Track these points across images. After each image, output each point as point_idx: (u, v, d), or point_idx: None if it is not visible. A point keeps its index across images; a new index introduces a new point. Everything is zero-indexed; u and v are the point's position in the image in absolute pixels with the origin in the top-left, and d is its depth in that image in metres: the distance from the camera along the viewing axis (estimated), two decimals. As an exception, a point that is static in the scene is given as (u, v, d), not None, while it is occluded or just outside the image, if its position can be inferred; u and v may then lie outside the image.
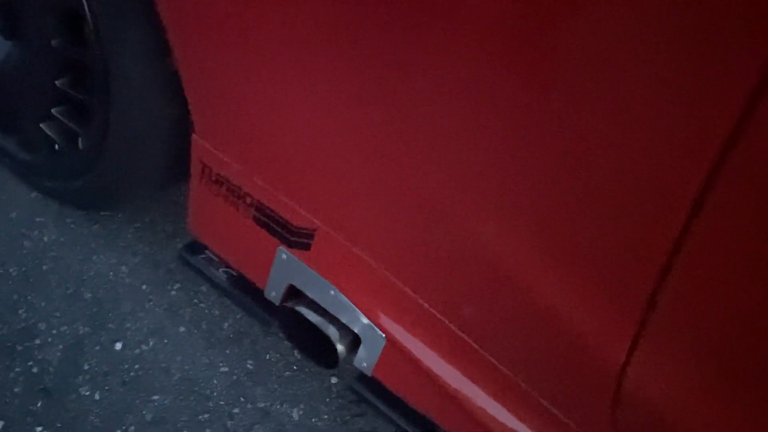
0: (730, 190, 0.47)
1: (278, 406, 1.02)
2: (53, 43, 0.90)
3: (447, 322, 0.77)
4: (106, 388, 0.98)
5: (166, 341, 1.05)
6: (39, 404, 0.95)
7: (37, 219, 1.15)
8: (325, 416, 1.03)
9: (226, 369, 1.04)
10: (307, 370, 1.07)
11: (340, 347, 0.86)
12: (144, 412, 0.97)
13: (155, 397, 0.99)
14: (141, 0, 0.77)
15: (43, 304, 1.05)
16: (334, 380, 1.07)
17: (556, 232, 0.59)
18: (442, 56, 0.58)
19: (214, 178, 0.88)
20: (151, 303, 1.10)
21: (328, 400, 1.05)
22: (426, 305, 0.78)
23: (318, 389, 1.06)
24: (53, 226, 1.15)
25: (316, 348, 0.89)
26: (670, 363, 0.58)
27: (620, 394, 0.62)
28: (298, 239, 0.84)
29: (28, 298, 1.06)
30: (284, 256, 0.86)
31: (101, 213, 1.17)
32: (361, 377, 0.91)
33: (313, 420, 1.02)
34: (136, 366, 1.01)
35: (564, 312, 0.62)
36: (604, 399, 0.63)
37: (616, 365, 0.60)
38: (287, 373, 1.07)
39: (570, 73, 0.51)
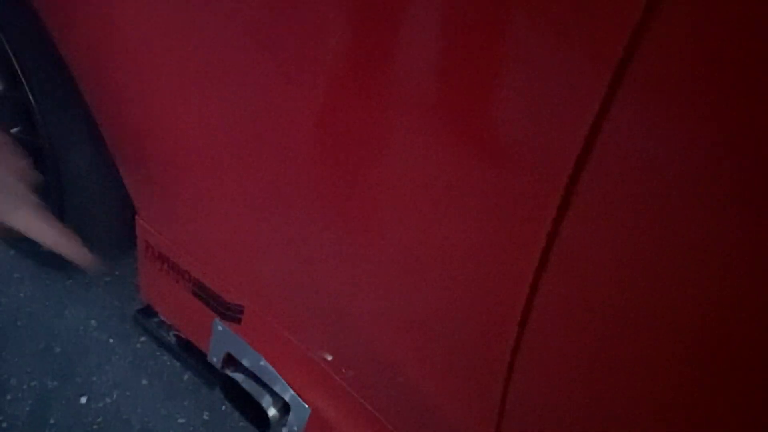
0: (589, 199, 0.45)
1: (231, 456, 1.09)
2: (12, 131, 0.98)
3: (358, 396, 0.82)
4: (72, 440, 1.06)
5: (128, 393, 1.13)
6: (6, 459, 1.03)
7: (15, 275, 1.24)
8: (274, 465, 1.10)
9: (184, 420, 1.12)
10: (260, 420, 1.14)
11: (272, 413, 0.93)
12: (103, 464, 1.05)
13: (114, 449, 1.07)
14: (75, 96, 0.84)
15: (15, 359, 1.14)
16: (284, 429, 1.13)
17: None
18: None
19: (156, 255, 0.95)
20: (117, 356, 1.17)
21: (277, 449, 1.12)
22: (342, 382, 0.83)
23: (268, 439, 1.12)
24: (29, 282, 1.23)
25: (253, 410, 0.95)
26: (546, 388, 0.59)
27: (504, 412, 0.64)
28: (230, 313, 0.91)
29: (2, 353, 1.14)
30: (220, 327, 0.93)
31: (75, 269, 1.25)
32: (293, 439, 0.97)
33: (263, 469, 1.09)
34: (99, 419, 1.09)
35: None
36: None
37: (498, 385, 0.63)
38: (241, 423, 1.14)
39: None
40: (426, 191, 0.54)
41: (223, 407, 1.14)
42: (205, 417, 1.13)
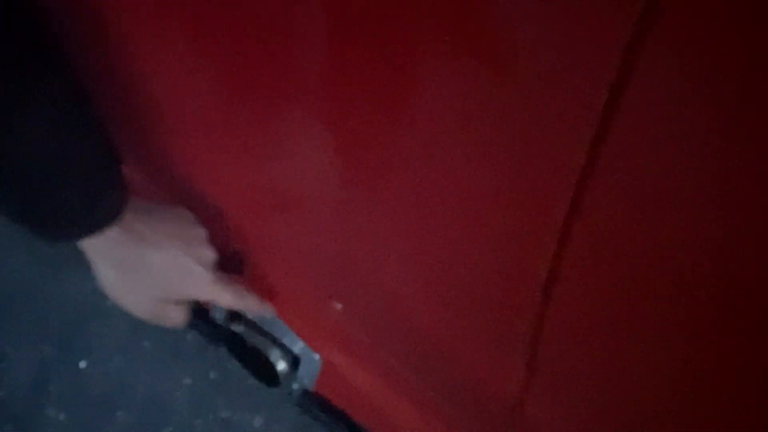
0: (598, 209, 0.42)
1: (240, 415, 1.05)
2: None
3: (372, 346, 0.78)
4: (72, 408, 1.02)
5: (130, 357, 1.09)
6: (7, 429, 0.99)
7: (7, 244, 1.19)
8: (286, 423, 1.06)
9: (190, 381, 1.08)
10: (268, 377, 1.10)
11: (281, 367, 0.88)
12: (108, 430, 1.01)
13: (119, 414, 1.03)
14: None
15: (10, 328, 1.09)
16: (295, 386, 1.09)
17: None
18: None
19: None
20: (116, 319, 1.13)
21: (288, 407, 1.08)
22: (355, 332, 0.79)
23: (279, 397, 1.08)
24: (23, 250, 1.18)
25: (262, 366, 0.91)
26: (564, 395, 0.59)
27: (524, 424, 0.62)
28: (230, 264, 0.86)
29: (-4, 322, 1.10)
30: (221, 281, 0.88)
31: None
32: (304, 392, 0.93)
33: (274, 427, 1.05)
34: (101, 384, 1.05)
35: (453, 349, 0.63)
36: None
37: (512, 400, 0.61)
38: (249, 382, 1.10)
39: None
40: (453, 133, 0.48)
41: (230, 365, 1.10)
42: (212, 376, 1.09)
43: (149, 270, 0.66)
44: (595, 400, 0.58)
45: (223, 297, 0.70)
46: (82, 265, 1.15)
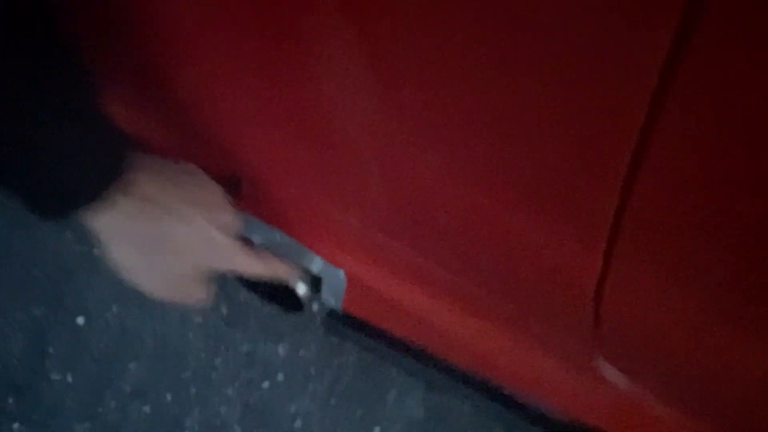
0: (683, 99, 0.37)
1: (262, 346, 0.98)
2: None
3: (405, 247, 0.69)
4: (78, 367, 0.93)
5: (130, 305, 0.99)
6: (10, 400, 0.91)
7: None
8: (312, 345, 0.98)
9: (200, 320, 0.99)
10: (285, 302, 1.01)
11: (302, 290, 0.79)
12: (122, 384, 0.93)
13: (131, 366, 0.94)
14: None
15: (-9, 293, 0.99)
16: (315, 307, 1.01)
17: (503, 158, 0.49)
18: None
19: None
20: (107, 267, 1.02)
21: (312, 328, 1.00)
22: (379, 235, 0.69)
23: (300, 320, 1.00)
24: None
25: (279, 293, 0.82)
26: (646, 277, 0.50)
27: (600, 316, 0.54)
28: (225, 188, 0.74)
29: (-26, 290, 0.99)
30: (217, 206, 0.77)
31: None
32: (330, 313, 0.84)
33: (301, 352, 0.97)
34: (104, 338, 0.96)
35: (526, 240, 0.53)
36: (585, 323, 0.56)
37: (590, 287, 0.52)
38: (265, 310, 1.01)
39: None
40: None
41: (242, 297, 1.01)
42: (224, 311, 1.00)
43: (173, 247, 0.55)
44: (670, 293, 0.50)
45: (254, 268, 0.64)
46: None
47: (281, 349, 0.98)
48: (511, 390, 0.81)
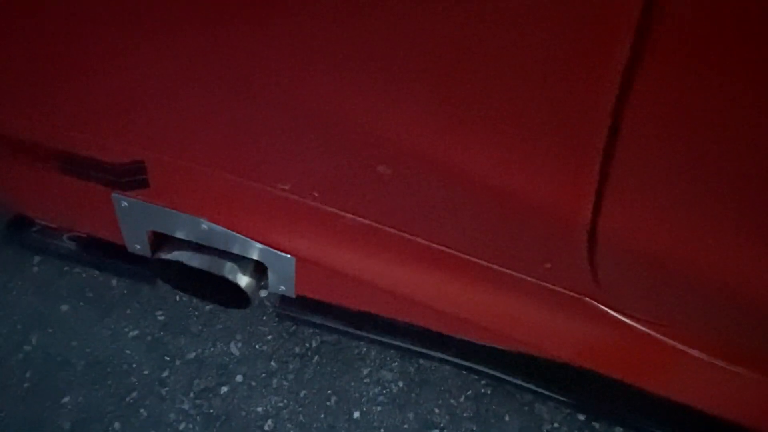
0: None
1: (211, 348, 0.86)
2: None
3: (359, 217, 0.58)
4: (3, 410, 0.80)
5: (50, 329, 0.86)
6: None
7: None
8: (269, 337, 0.88)
9: (136, 332, 0.87)
10: (229, 293, 0.90)
11: (244, 281, 0.68)
12: (59, 422, 0.80)
13: (65, 400, 0.82)
14: None
15: None
16: (263, 293, 0.90)
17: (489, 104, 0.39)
18: None
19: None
20: (16, 290, 0.88)
21: (264, 318, 0.89)
22: (327, 206, 0.59)
23: (250, 312, 0.89)
24: None
25: (219, 289, 0.71)
26: (639, 204, 0.43)
27: (595, 248, 0.46)
28: (128, 178, 0.62)
29: None
30: (124, 203, 0.64)
31: None
32: (282, 300, 0.74)
33: (257, 346, 0.87)
34: (28, 373, 0.83)
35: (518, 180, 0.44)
36: (581, 256, 0.48)
37: (584, 221, 0.44)
38: (207, 308, 0.90)
39: None
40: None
41: (177, 298, 0.90)
42: (161, 318, 0.88)
43: None
44: (663, 218, 0.42)
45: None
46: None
47: (234, 348, 0.87)
48: (493, 339, 0.73)
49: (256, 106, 0.50)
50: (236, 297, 0.69)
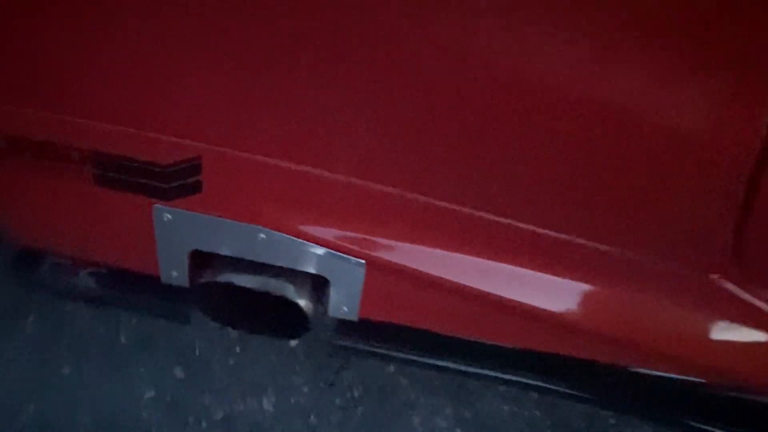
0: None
1: (240, 406, 0.76)
2: None
3: (457, 206, 0.52)
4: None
5: (52, 395, 0.74)
6: None
7: None
8: (305, 388, 0.78)
9: (152, 392, 0.75)
10: (253, 346, 0.80)
11: (302, 303, 0.60)
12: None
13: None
14: None
15: None
16: (292, 343, 0.81)
17: None
18: None
19: (14, 149, 0.55)
20: (11, 356, 0.76)
21: (297, 368, 0.79)
22: (417, 196, 0.52)
23: (280, 362, 0.80)
24: None
25: (269, 318, 0.62)
26: None
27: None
28: (177, 183, 0.55)
29: None
30: (168, 216, 0.56)
31: None
32: (339, 327, 0.65)
33: (293, 400, 0.77)
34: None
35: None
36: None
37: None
38: (231, 360, 0.79)
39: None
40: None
41: (197, 352, 0.79)
42: (179, 374, 0.77)
43: None
44: None
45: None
46: None
47: (267, 403, 0.76)
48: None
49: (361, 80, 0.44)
50: (292, 322, 0.61)
